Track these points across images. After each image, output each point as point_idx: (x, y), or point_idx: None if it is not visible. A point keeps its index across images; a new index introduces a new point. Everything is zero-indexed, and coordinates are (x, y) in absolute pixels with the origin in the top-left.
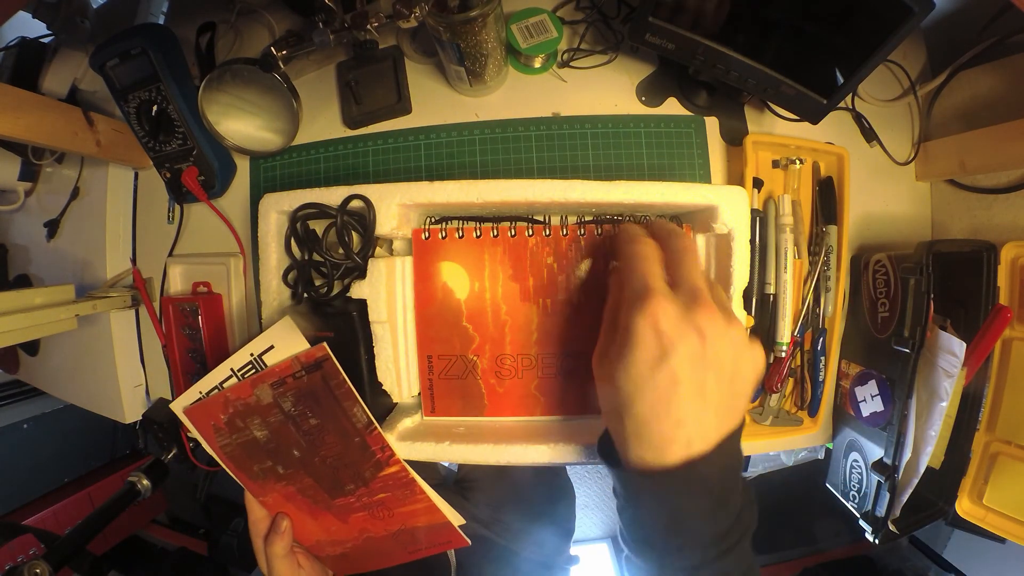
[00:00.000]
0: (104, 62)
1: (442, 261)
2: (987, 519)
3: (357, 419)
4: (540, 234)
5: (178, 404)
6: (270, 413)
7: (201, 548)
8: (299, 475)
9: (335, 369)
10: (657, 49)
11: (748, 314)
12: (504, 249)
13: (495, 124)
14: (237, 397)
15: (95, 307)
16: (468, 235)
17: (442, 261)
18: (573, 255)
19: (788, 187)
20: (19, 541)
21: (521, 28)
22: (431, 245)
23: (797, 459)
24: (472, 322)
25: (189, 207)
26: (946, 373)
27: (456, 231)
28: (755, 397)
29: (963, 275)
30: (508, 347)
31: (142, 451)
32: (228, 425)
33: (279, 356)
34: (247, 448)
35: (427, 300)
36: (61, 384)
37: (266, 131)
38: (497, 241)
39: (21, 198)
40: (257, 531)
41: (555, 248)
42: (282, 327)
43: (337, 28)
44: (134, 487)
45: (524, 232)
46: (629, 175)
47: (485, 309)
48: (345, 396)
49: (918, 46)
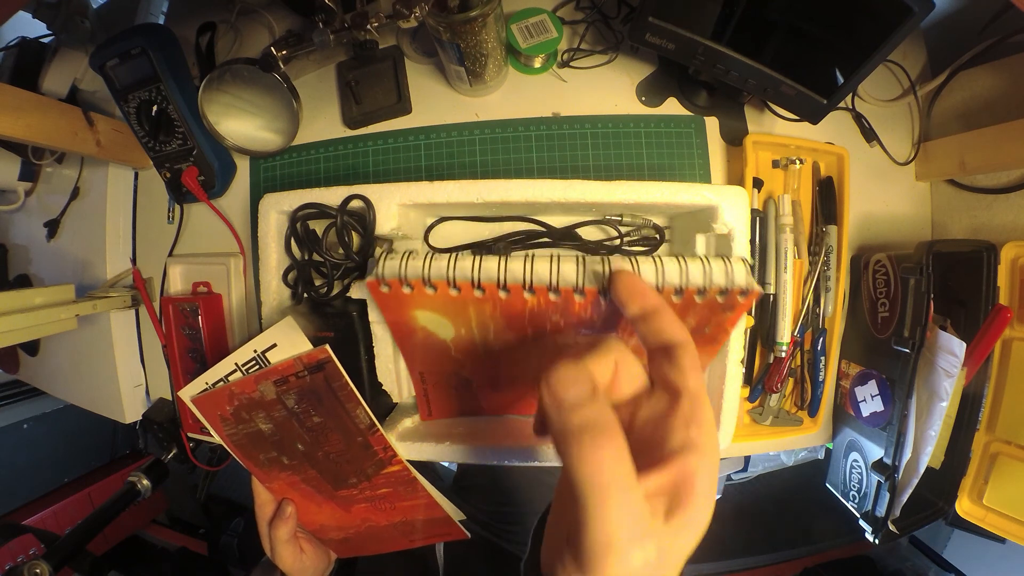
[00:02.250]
0: (104, 62)
1: (415, 310)
2: (987, 519)
3: (360, 420)
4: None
5: (185, 393)
6: (274, 408)
7: (201, 548)
8: (303, 467)
9: (337, 371)
10: (657, 49)
11: (748, 314)
12: (494, 306)
13: (495, 124)
14: (242, 391)
15: (95, 307)
16: (442, 290)
17: (415, 310)
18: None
19: (788, 187)
20: (19, 541)
21: (521, 28)
22: (395, 297)
23: (797, 459)
24: (462, 354)
25: (189, 207)
26: (946, 373)
27: (424, 284)
28: (755, 397)
29: (963, 275)
30: (504, 369)
31: (142, 451)
32: (234, 416)
33: (282, 354)
34: (253, 439)
35: (405, 337)
36: (61, 384)
37: (266, 131)
38: (484, 298)
39: (21, 198)
40: (263, 515)
41: (564, 310)
42: (285, 326)
43: (337, 28)
44: (134, 487)
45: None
46: (629, 175)
47: (476, 347)
48: (348, 398)
49: (918, 46)
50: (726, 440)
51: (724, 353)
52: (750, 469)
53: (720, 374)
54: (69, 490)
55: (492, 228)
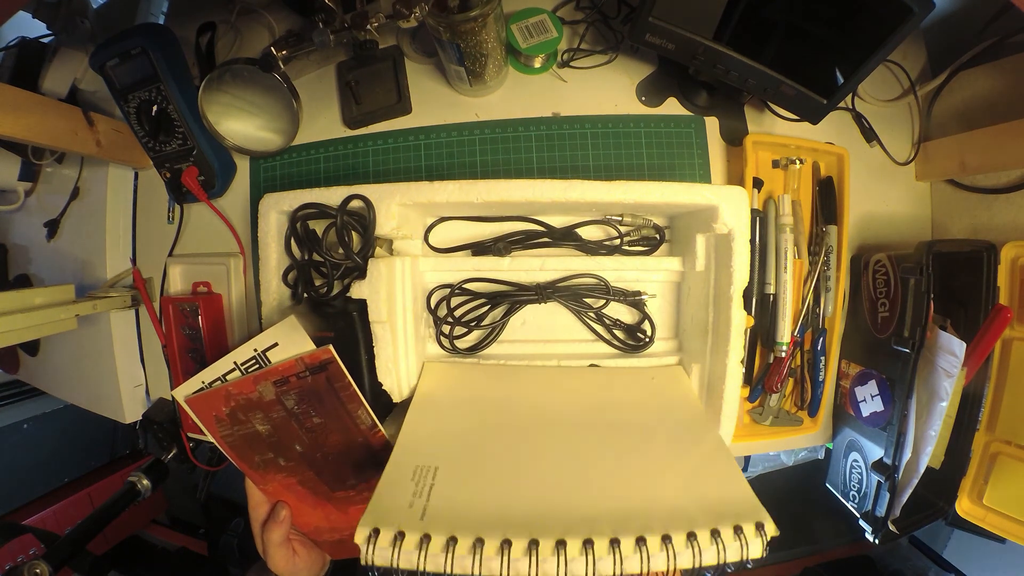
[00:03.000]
0: (104, 62)
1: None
2: (987, 519)
3: (361, 420)
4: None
5: (180, 392)
6: (272, 409)
7: (201, 548)
8: (300, 468)
9: (340, 372)
10: (657, 49)
11: (748, 314)
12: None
13: (495, 124)
14: (239, 391)
15: (95, 307)
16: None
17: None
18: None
19: (788, 187)
20: (19, 541)
21: (521, 28)
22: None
23: (797, 459)
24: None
25: (189, 207)
26: (946, 373)
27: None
28: (755, 397)
29: (963, 275)
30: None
31: (142, 451)
32: (230, 417)
33: (283, 354)
34: (249, 440)
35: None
36: (61, 384)
37: (266, 131)
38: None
39: (21, 198)
40: (256, 516)
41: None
42: (287, 326)
43: (337, 28)
44: (134, 487)
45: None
46: (629, 175)
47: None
48: (350, 398)
49: (918, 46)
50: (726, 440)
51: (724, 353)
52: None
53: (720, 374)
54: (69, 490)
55: (492, 228)
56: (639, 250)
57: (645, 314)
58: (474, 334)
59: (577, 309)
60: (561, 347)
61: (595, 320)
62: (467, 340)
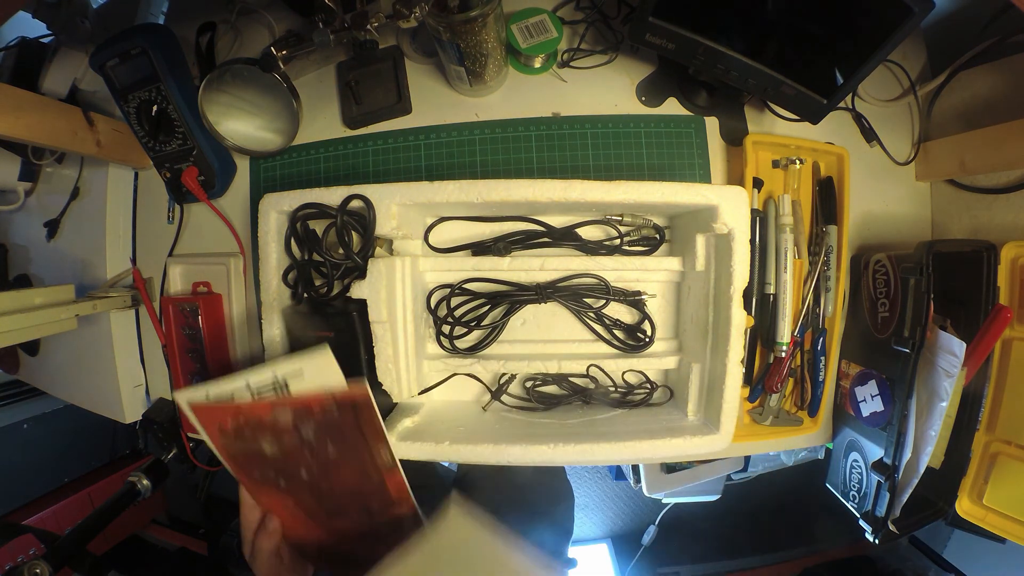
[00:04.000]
0: (104, 62)
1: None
2: (987, 519)
3: (381, 459)
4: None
5: (182, 396)
6: (285, 434)
7: (201, 548)
8: (301, 492)
9: (372, 414)
10: (657, 49)
11: (748, 314)
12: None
13: (495, 124)
14: (252, 412)
15: (95, 307)
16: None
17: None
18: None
19: (788, 187)
20: (19, 541)
21: (521, 28)
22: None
23: (797, 459)
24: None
25: (189, 207)
26: (946, 373)
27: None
28: (755, 397)
29: (963, 275)
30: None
31: (142, 451)
32: (235, 432)
33: (308, 383)
34: (251, 456)
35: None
36: (61, 384)
37: (266, 131)
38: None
39: (21, 198)
40: (247, 522)
41: None
42: (320, 357)
43: (337, 28)
44: (134, 487)
45: None
46: (629, 175)
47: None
48: (375, 435)
49: (918, 46)
50: (726, 440)
51: (724, 353)
52: (750, 469)
53: (720, 374)
54: (69, 490)
55: (492, 228)
56: (639, 250)
57: (645, 314)
58: (474, 334)
59: (577, 309)
60: (561, 347)
61: (595, 320)
62: (467, 340)
